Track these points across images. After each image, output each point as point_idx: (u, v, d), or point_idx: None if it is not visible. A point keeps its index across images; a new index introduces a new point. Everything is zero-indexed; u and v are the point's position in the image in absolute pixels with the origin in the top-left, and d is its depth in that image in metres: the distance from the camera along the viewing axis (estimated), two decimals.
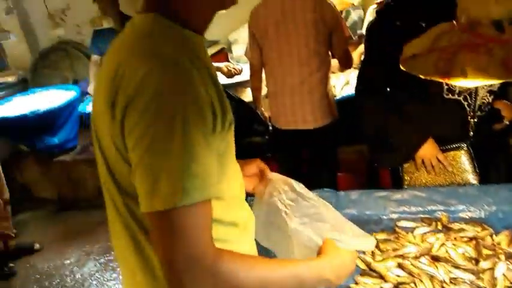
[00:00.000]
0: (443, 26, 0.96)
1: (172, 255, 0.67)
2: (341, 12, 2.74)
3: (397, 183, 1.71)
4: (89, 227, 3.17)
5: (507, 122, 1.61)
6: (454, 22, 0.92)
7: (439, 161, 1.61)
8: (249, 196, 1.08)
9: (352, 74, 2.77)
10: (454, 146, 1.63)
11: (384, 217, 1.43)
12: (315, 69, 2.18)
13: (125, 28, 0.80)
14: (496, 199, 1.39)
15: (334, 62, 2.34)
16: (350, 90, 2.69)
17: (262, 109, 2.55)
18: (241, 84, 2.98)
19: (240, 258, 0.75)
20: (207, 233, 0.70)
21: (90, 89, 3.79)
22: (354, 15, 3.22)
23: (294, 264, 0.84)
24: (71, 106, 3.54)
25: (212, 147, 0.71)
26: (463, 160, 1.63)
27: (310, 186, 1.11)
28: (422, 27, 1.41)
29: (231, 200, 0.86)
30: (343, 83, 2.83)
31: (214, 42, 3.81)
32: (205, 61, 0.78)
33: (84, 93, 3.80)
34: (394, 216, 1.43)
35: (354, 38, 2.43)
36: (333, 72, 2.42)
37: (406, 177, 1.70)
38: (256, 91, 2.46)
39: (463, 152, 1.63)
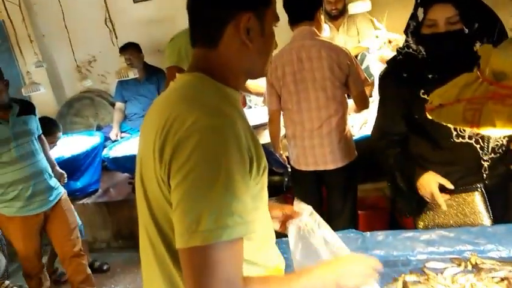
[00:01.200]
0: (468, 77, 0.99)
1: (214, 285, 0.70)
2: (356, 56, 2.84)
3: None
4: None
5: None
6: (478, 73, 0.96)
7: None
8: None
9: (370, 113, 2.82)
10: (467, 187, 1.60)
11: (412, 258, 1.42)
12: (333, 113, 2.24)
13: (171, 85, 0.89)
14: None
15: (351, 103, 2.40)
16: (368, 129, 2.73)
17: (281, 152, 2.60)
18: (257, 127, 3.05)
19: (262, 281, 0.79)
20: (240, 268, 0.74)
21: (113, 134, 3.94)
22: (370, 59, 3.32)
23: (309, 275, 0.86)
24: (94, 151, 3.65)
25: (248, 189, 0.76)
26: (476, 201, 1.59)
27: (332, 226, 1.16)
28: (428, 79, 1.48)
29: (262, 242, 0.88)
30: (362, 123, 2.88)
31: None
32: (242, 113, 0.85)
33: (106, 139, 3.93)
34: (423, 257, 1.41)
35: (369, 80, 2.50)
36: (349, 114, 2.48)
37: (419, 222, 1.69)
38: (275, 136, 2.52)
39: (476, 193, 1.59)
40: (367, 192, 2.68)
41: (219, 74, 0.85)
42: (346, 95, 2.32)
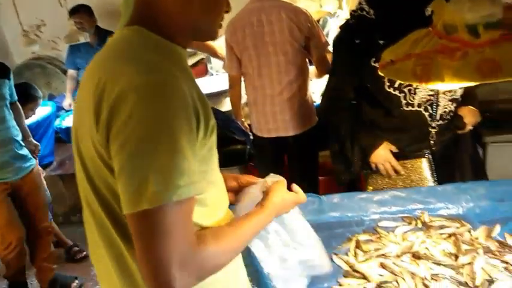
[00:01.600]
0: (420, 33, 0.98)
1: (162, 253, 0.67)
2: (318, 20, 2.79)
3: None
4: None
5: (470, 127, 1.64)
6: (430, 29, 0.94)
7: (393, 166, 1.62)
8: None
9: None
10: (415, 154, 1.64)
11: (366, 218, 1.44)
12: (294, 78, 2.20)
13: (107, 42, 0.81)
14: (473, 196, 1.42)
15: (312, 68, 2.37)
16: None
17: (243, 119, 2.56)
18: (219, 95, 2.98)
19: (211, 236, 0.77)
20: (192, 229, 0.72)
21: (66, 103, 3.75)
22: (332, 24, 3.28)
23: (251, 219, 0.88)
24: (46, 121, 3.47)
25: (195, 149, 0.72)
26: (423, 168, 1.64)
27: None
28: (380, 45, 1.47)
29: (215, 207, 0.85)
30: (323, 89, 2.85)
31: (193, 53, 3.80)
32: (188, 70, 0.80)
33: (59, 109, 3.74)
34: (376, 217, 1.44)
35: (330, 45, 2.47)
36: (311, 80, 2.45)
37: (369, 187, 1.72)
38: (235, 102, 2.46)
39: (424, 160, 1.64)
40: (328, 158, 2.70)
41: (161, 28, 0.78)
42: (307, 60, 2.28)
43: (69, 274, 2.71)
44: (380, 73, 1.03)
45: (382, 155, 1.62)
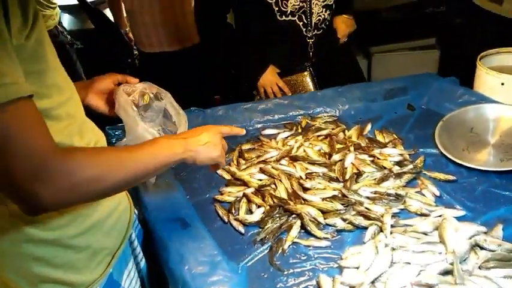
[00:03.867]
0: None
1: (10, 164, 0.59)
2: None
3: None
4: None
5: (345, 39, 1.67)
6: None
7: (279, 88, 1.65)
8: None
9: None
10: (296, 69, 1.67)
11: (250, 128, 1.43)
12: None
13: None
14: (349, 98, 1.47)
15: None
16: None
17: (127, 29, 2.30)
18: (100, 3, 2.63)
19: (82, 149, 0.71)
20: (44, 134, 0.62)
21: None
22: None
23: (148, 144, 0.81)
24: None
25: (7, 47, 0.59)
26: (307, 81, 1.67)
27: None
28: None
29: (68, 119, 0.73)
30: None
31: None
32: None
33: None
34: (259, 125, 1.43)
35: None
36: None
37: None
38: (114, 8, 2.19)
39: (305, 73, 1.67)
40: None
41: None
42: None
43: None
44: None
45: (270, 79, 1.63)
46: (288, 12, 1.52)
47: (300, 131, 1.38)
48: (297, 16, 1.54)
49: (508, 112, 1.22)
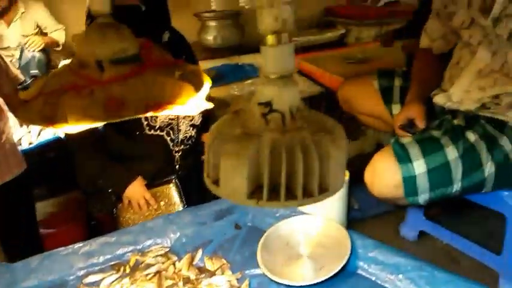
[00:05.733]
0: (58, 69, 0.90)
1: None
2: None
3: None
4: None
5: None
6: (70, 64, 0.86)
7: (146, 200, 1.66)
8: None
9: None
10: (162, 181, 1.70)
11: (70, 278, 1.26)
12: None
13: None
14: (180, 224, 1.43)
15: None
16: (48, 134, 2.41)
17: None
18: None
19: None
20: None
21: None
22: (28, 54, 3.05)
23: None
24: None
25: None
26: (172, 193, 1.70)
27: None
28: None
29: None
30: (40, 128, 2.51)
31: None
32: None
33: None
34: (82, 272, 1.28)
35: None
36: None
37: (120, 220, 1.70)
38: None
39: (171, 185, 1.70)
40: (57, 206, 2.37)
41: None
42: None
43: None
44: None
45: (137, 191, 1.63)
46: (157, 127, 1.60)
47: (127, 271, 1.26)
48: (165, 131, 1.62)
49: (314, 223, 1.31)
